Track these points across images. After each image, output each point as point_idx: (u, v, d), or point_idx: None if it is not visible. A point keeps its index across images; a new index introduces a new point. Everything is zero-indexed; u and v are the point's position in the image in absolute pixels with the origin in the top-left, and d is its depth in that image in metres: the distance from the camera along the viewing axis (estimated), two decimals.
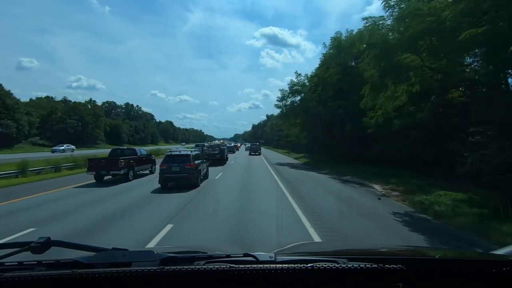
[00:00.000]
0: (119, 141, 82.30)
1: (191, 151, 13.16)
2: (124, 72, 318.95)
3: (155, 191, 10.91)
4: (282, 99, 29.58)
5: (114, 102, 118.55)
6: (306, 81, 28.51)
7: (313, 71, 28.78)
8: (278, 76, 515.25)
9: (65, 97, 77.23)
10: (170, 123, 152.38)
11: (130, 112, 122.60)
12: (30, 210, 7.93)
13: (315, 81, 27.06)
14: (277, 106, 30.58)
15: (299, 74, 28.57)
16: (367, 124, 16.45)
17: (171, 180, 11.41)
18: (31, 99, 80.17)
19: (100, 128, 76.30)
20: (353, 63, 22.86)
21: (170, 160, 11.75)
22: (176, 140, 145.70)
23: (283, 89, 29.69)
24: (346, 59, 23.76)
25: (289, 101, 29.44)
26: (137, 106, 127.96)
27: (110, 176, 13.60)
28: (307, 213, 7.57)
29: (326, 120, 25.43)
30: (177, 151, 13.59)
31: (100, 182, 13.07)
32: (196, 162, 12.15)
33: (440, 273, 1.11)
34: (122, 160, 13.25)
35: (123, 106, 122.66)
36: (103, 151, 30.26)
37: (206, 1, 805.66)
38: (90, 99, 79.69)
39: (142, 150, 17.06)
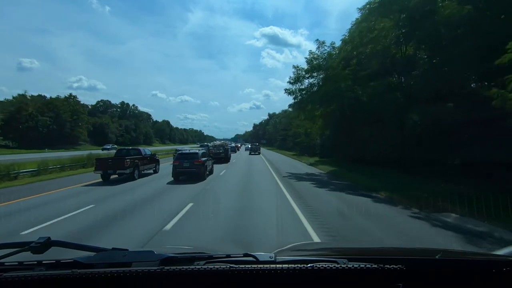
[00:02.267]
0: (105, 141, 73.75)
1: (199, 150, 15.68)
2: (125, 72, 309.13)
3: None
4: (296, 80, 19.80)
5: (109, 101, 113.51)
6: (333, 50, 18.74)
7: (345, 35, 18.55)
8: (279, 76, 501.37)
9: (58, 95, 68.66)
10: (166, 123, 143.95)
11: (126, 111, 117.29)
12: None
13: (348, 51, 17.68)
14: (288, 92, 20.73)
15: (323, 43, 18.95)
16: (505, 104, 7.46)
17: (182, 174, 13.53)
18: (13, 97, 71.47)
19: (82, 127, 67.47)
20: (431, 7, 12.53)
21: (182, 157, 13.99)
22: (174, 141, 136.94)
23: (297, 66, 19.96)
24: (410, 4, 13.27)
25: (307, 83, 19.76)
26: (133, 105, 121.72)
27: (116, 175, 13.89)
28: None
29: (367, 108, 16.34)
30: (186, 149, 17.01)
31: (107, 181, 13.39)
32: (203, 159, 14.18)
33: (440, 273, 1.08)
34: (128, 160, 13.60)
35: (119, 105, 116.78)
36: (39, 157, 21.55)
37: (206, 1, 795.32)
38: (70, 94, 70.83)
39: (147, 150, 17.49)
